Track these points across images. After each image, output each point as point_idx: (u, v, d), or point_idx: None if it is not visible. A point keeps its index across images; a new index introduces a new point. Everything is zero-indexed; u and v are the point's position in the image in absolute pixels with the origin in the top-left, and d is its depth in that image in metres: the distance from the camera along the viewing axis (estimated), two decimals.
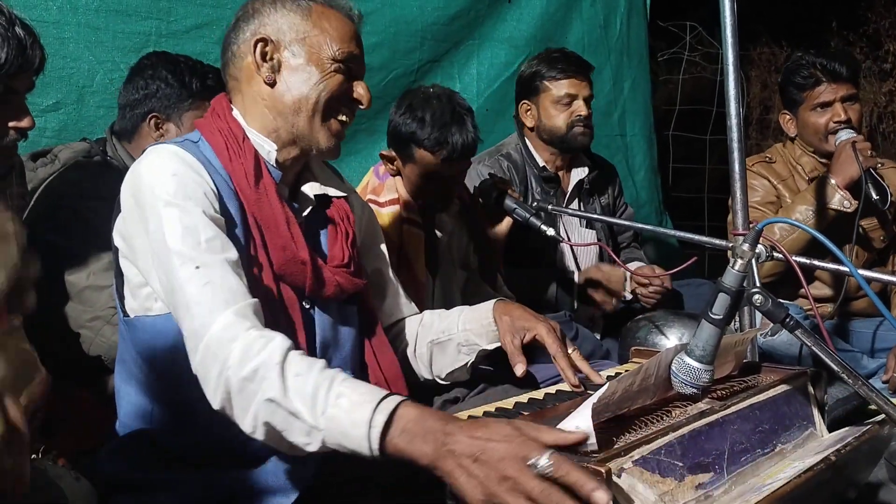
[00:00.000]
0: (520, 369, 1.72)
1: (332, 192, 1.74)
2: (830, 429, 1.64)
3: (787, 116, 3.05)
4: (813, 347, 1.45)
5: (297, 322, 1.58)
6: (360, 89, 1.66)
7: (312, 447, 1.27)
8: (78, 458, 1.70)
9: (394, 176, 2.48)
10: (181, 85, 2.31)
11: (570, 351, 1.73)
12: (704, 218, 5.30)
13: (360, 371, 1.72)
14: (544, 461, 1.09)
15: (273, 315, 1.51)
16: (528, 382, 1.82)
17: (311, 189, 1.71)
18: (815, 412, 1.63)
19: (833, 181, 2.77)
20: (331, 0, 1.65)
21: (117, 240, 1.57)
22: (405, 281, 2.26)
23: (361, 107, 1.68)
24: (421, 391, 1.86)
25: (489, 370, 1.92)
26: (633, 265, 3.07)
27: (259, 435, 1.31)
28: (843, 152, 2.78)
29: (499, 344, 1.81)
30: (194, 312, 1.38)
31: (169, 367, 1.49)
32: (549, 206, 2.61)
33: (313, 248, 1.64)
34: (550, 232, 2.41)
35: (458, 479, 1.13)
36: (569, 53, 3.09)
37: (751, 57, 7.47)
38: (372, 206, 2.44)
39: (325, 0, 1.65)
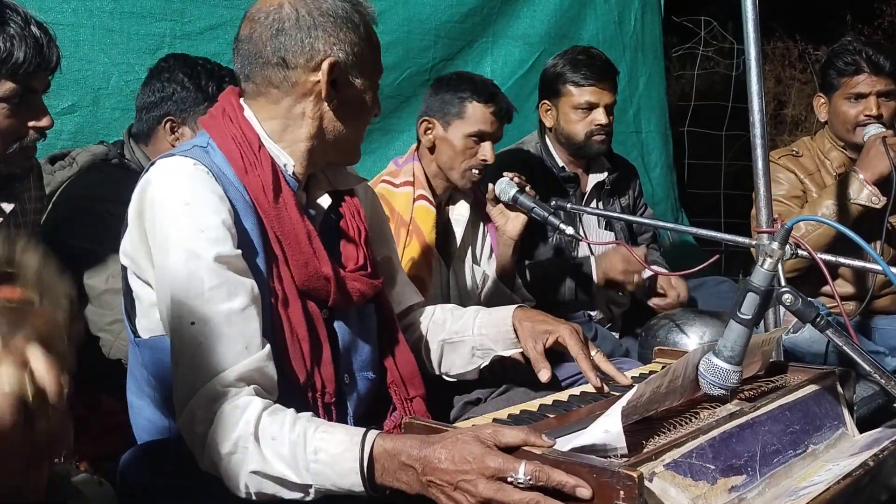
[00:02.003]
0: (544, 375, 1.70)
1: (344, 183, 1.72)
2: (857, 428, 1.61)
3: (822, 100, 2.98)
4: (843, 346, 1.43)
5: (321, 336, 1.55)
6: (376, 101, 1.66)
7: (310, 498, 1.31)
8: (99, 462, 1.69)
9: (429, 149, 2.58)
10: (197, 88, 2.30)
11: (593, 353, 1.71)
12: (721, 214, 5.26)
13: (380, 367, 1.71)
14: (522, 474, 1.12)
15: (298, 332, 1.50)
16: (550, 384, 1.80)
17: (324, 196, 1.66)
18: (846, 412, 1.61)
19: (861, 176, 2.70)
20: (368, 5, 1.59)
21: (124, 259, 1.53)
22: (416, 261, 2.28)
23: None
24: (439, 387, 1.85)
25: (514, 361, 1.89)
26: (652, 267, 3.03)
27: (256, 499, 1.34)
28: (873, 147, 2.71)
29: (515, 350, 1.79)
30: (181, 371, 1.39)
31: None
32: (569, 205, 2.59)
33: (333, 255, 1.61)
34: (570, 230, 2.39)
35: (448, 502, 1.19)
36: (594, 56, 2.99)
37: (765, 51, 7.42)
38: (386, 186, 2.47)
39: (365, 6, 1.59)
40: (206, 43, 2.99)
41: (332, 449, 1.27)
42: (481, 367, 1.84)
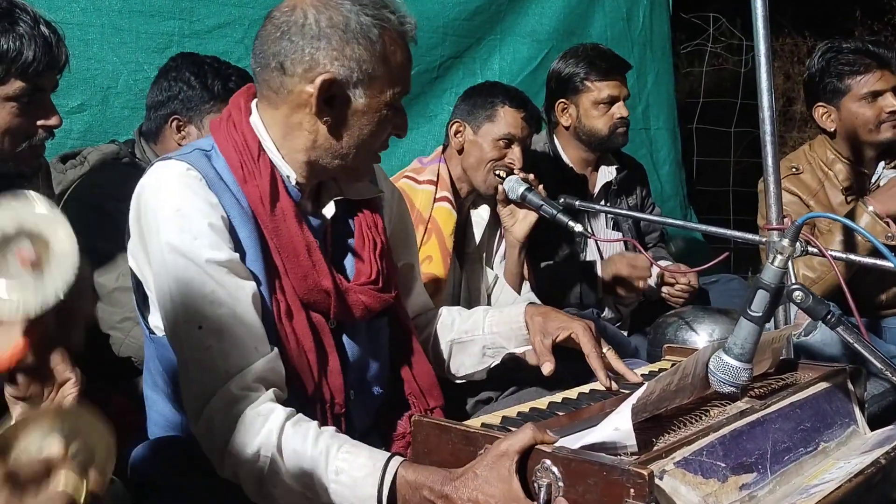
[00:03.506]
0: (547, 368, 1.69)
1: (357, 194, 1.65)
2: (868, 425, 1.61)
3: (824, 109, 2.78)
4: (855, 344, 1.42)
5: (328, 347, 1.54)
6: (399, 121, 1.56)
7: None
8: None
9: (457, 152, 2.59)
10: (203, 87, 2.30)
11: (605, 351, 1.70)
12: (730, 211, 5.24)
13: (391, 386, 1.69)
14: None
15: (304, 343, 1.49)
16: (558, 383, 1.79)
17: (329, 205, 1.60)
18: (856, 409, 1.60)
19: (871, 208, 2.52)
20: (401, 20, 1.50)
21: (131, 261, 1.53)
22: (432, 260, 2.27)
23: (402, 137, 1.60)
24: (453, 392, 1.84)
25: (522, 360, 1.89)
26: (660, 263, 3.03)
27: None
28: None
29: (527, 347, 1.78)
30: (193, 378, 1.39)
31: None
32: (577, 203, 2.58)
33: (337, 266, 1.58)
34: (578, 228, 2.38)
35: None
36: (606, 52, 3.02)
37: (774, 48, 7.37)
38: (408, 182, 2.48)
39: (396, 23, 1.49)
40: (214, 41, 3.00)
41: (354, 472, 1.27)
42: (491, 366, 1.83)
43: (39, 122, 1.77)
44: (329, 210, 1.59)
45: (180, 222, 1.39)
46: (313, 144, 1.51)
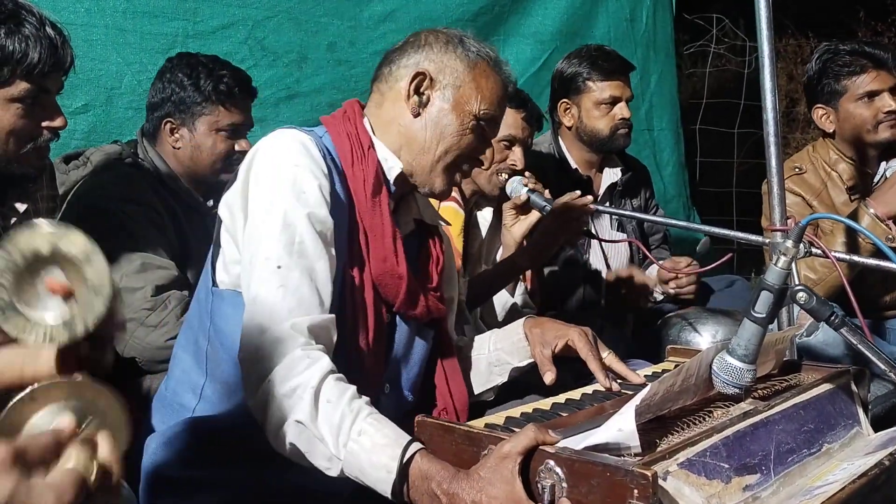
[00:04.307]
0: (549, 378, 1.71)
1: (432, 218, 1.80)
2: (872, 427, 1.61)
3: (822, 111, 2.79)
4: (859, 345, 1.42)
5: (379, 331, 1.60)
6: (488, 152, 1.73)
7: (332, 473, 1.33)
8: None
9: None
10: (195, 88, 2.30)
11: (604, 355, 1.72)
12: (733, 212, 5.24)
13: (420, 394, 1.73)
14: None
15: (364, 318, 1.56)
16: (563, 387, 1.79)
17: (412, 212, 1.75)
18: (860, 411, 1.60)
19: (872, 211, 2.51)
20: (497, 63, 1.70)
21: (223, 210, 1.60)
22: None
23: (482, 167, 1.79)
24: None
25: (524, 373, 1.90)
26: (661, 263, 3.03)
27: (284, 450, 1.36)
28: None
29: (530, 360, 1.80)
30: (258, 309, 1.43)
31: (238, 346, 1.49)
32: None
33: (410, 266, 1.65)
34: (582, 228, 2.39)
35: None
36: (610, 52, 3.01)
37: (777, 49, 7.36)
38: None
39: (492, 60, 1.69)
40: (218, 42, 3.01)
41: (376, 438, 1.29)
42: (499, 384, 1.86)
43: (44, 124, 1.77)
44: (408, 224, 1.74)
45: (295, 176, 1.49)
46: (404, 135, 1.65)
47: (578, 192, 2.40)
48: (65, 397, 0.81)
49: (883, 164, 2.80)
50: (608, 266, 3.07)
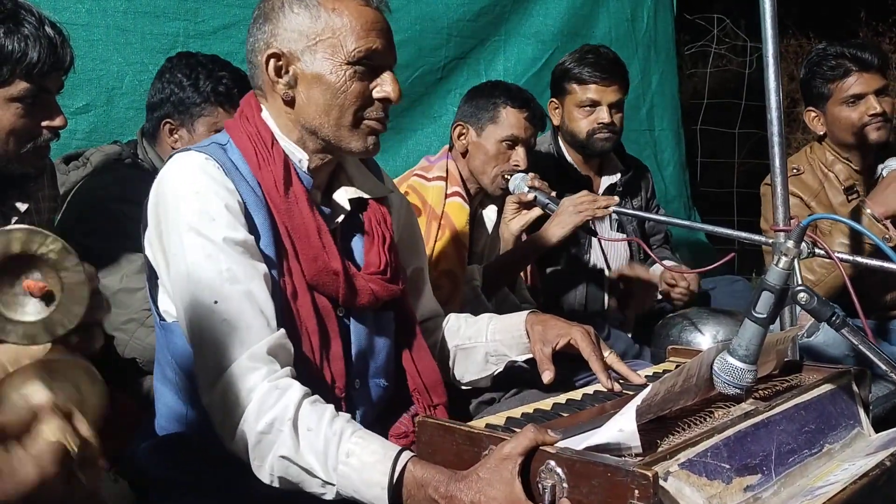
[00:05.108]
0: (547, 376, 1.69)
1: (367, 195, 1.68)
2: (873, 427, 1.60)
3: (814, 113, 2.80)
4: (860, 346, 1.42)
5: (332, 331, 1.55)
6: (385, 86, 1.54)
7: (329, 496, 1.32)
8: (114, 459, 1.70)
9: (461, 154, 2.60)
10: (194, 89, 2.29)
11: (606, 354, 1.70)
12: (734, 213, 5.24)
13: (395, 380, 1.70)
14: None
15: (308, 325, 1.51)
16: (564, 385, 1.79)
17: (345, 194, 1.65)
18: (861, 411, 1.60)
19: (869, 211, 2.50)
20: None
21: (147, 249, 1.55)
22: (448, 255, 2.26)
23: (391, 103, 1.57)
24: (456, 393, 1.85)
25: (524, 367, 1.89)
26: (665, 263, 3.03)
27: (276, 485, 1.35)
28: (894, 183, 2.52)
29: (529, 355, 1.79)
30: (208, 351, 1.40)
31: None
32: None
33: (347, 255, 1.61)
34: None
35: None
36: (602, 55, 2.94)
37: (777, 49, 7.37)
38: (418, 180, 2.48)
39: None
40: (219, 42, 3.00)
41: (364, 457, 1.28)
42: (495, 373, 1.84)
43: (44, 123, 1.77)
44: (343, 194, 1.64)
45: (198, 204, 1.43)
46: (296, 121, 1.56)
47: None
48: (39, 372, 0.82)
49: (879, 164, 2.80)
50: (608, 267, 3.07)
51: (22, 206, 1.85)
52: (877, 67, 2.70)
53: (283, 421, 1.31)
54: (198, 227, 1.42)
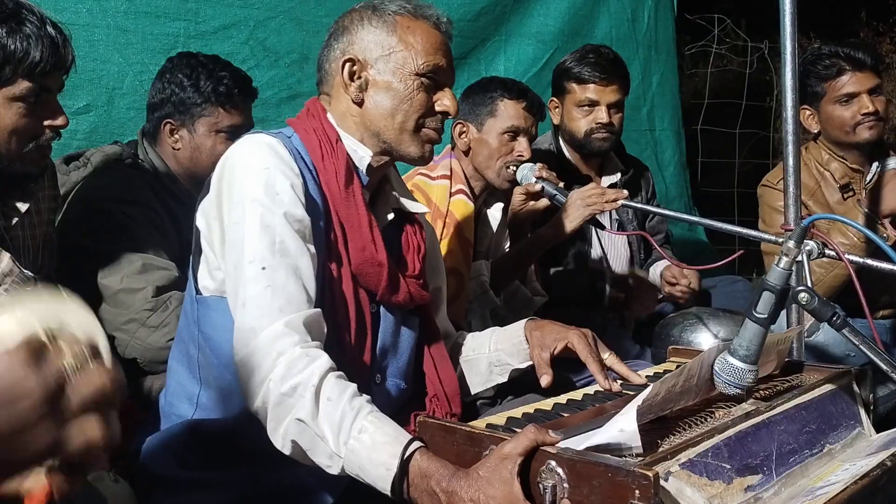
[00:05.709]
0: (545, 380, 1.72)
1: (411, 206, 1.79)
2: (874, 427, 1.60)
3: (808, 112, 2.81)
4: (860, 346, 1.42)
5: (363, 323, 1.60)
6: (445, 100, 1.67)
7: (333, 470, 1.33)
8: (115, 459, 1.70)
9: (464, 153, 2.60)
10: (195, 89, 2.29)
11: (606, 356, 1.72)
12: (734, 213, 5.24)
13: (413, 382, 1.74)
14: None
15: (344, 311, 1.56)
16: (565, 388, 1.79)
17: (390, 202, 1.75)
18: (862, 411, 1.60)
19: (866, 210, 2.53)
20: (417, 9, 1.67)
21: (199, 220, 1.61)
22: (454, 253, 2.26)
23: (449, 116, 1.70)
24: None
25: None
26: (664, 262, 3.03)
27: (286, 449, 1.37)
28: (891, 182, 2.55)
29: (530, 362, 1.81)
30: (249, 311, 1.43)
31: (229, 350, 1.49)
32: None
33: (390, 254, 1.66)
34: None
35: None
36: (603, 55, 2.93)
37: (777, 48, 7.36)
38: (423, 178, 2.49)
39: (411, 10, 1.67)
40: (219, 42, 3.00)
41: (377, 436, 1.30)
42: (499, 383, 1.86)
43: (46, 123, 1.77)
44: (387, 212, 1.75)
45: (267, 178, 1.50)
46: (361, 123, 1.66)
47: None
48: (26, 312, 0.81)
49: (875, 162, 2.81)
50: (608, 265, 3.07)
51: (22, 206, 1.85)
52: (870, 67, 2.72)
53: (306, 387, 1.33)
54: (262, 199, 1.48)
